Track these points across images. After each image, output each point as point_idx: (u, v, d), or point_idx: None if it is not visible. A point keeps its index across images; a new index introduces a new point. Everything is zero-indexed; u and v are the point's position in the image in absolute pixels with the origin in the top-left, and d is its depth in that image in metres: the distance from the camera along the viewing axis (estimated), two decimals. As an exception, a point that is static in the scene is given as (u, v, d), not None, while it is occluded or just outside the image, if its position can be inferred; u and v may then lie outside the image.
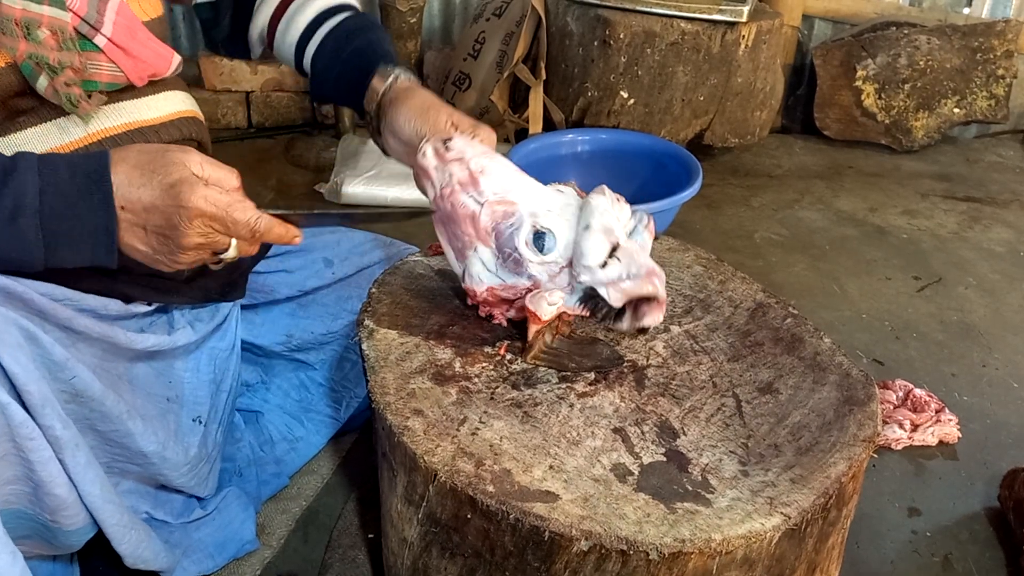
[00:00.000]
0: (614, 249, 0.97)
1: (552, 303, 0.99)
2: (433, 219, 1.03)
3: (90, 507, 0.97)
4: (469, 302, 1.06)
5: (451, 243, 1.03)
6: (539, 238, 0.99)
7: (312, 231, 1.44)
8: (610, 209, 1.01)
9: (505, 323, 1.06)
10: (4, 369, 0.86)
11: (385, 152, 1.18)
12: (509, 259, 1.00)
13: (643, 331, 1.00)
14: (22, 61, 0.94)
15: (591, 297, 0.99)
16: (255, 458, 1.40)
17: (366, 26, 1.22)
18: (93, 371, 0.98)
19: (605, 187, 1.05)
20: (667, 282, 1.17)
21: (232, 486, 1.31)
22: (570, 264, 1.00)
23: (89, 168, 0.86)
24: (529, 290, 1.00)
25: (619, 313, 0.99)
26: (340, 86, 1.20)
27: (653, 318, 0.98)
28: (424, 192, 1.04)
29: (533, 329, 1.00)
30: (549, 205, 1.01)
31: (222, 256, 0.92)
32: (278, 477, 1.41)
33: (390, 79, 1.14)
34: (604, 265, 0.96)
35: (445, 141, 1.00)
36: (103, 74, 1.02)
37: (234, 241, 0.91)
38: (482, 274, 1.01)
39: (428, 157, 1.00)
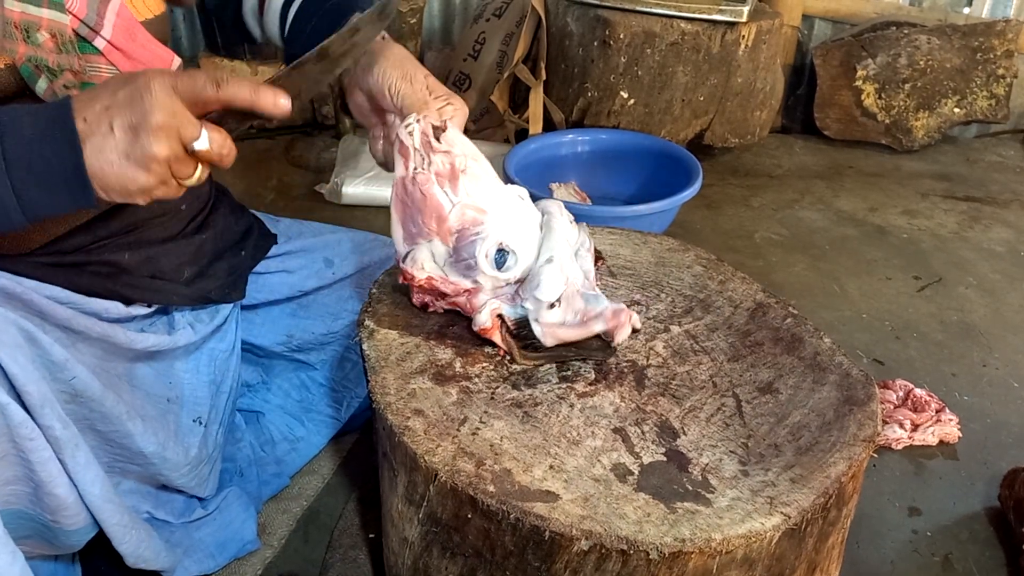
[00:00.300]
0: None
1: (492, 310, 1.00)
2: (393, 193, 1.00)
3: (90, 507, 0.97)
4: (400, 280, 1.05)
5: (404, 224, 1.02)
6: (501, 255, 1.00)
7: (313, 231, 1.44)
8: (570, 235, 1.04)
9: (441, 311, 1.07)
10: (3, 369, 0.86)
11: (347, 112, 1.15)
12: (461, 262, 1.00)
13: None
14: (21, 64, 0.94)
15: (523, 326, 1.00)
16: (256, 458, 1.41)
17: None
18: (93, 371, 0.98)
19: (561, 205, 1.07)
20: (667, 282, 1.17)
21: (233, 486, 1.31)
22: (519, 283, 1.02)
23: (51, 113, 0.82)
24: (468, 291, 1.01)
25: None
26: (313, 41, 1.17)
27: (622, 334, 1.02)
28: (382, 159, 1.03)
29: (496, 337, 1.01)
30: (517, 223, 1.02)
31: (195, 150, 0.84)
32: (279, 477, 1.41)
33: None
34: (551, 306, 0.98)
35: (436, 128, 0.99)
36: (102, 76, 1.02)
37: (204, 133, 0.84)
38: (426, 263, 1.01)
39: (414, 136, 0.98)
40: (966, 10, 3.20)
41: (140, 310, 1.12)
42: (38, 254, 1.01)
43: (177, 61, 1.12)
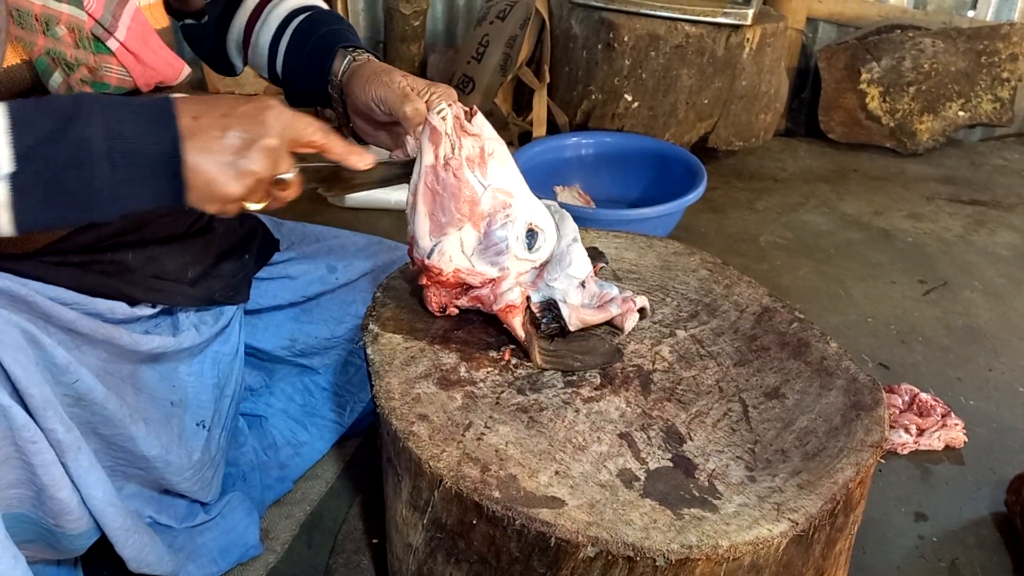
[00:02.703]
0: None
1: (522, 291, 1.02)
2: (420, 184, 1.00)
3: (93, 511, 0.97)
4: (422, 280, 1.05)
5: (433, 214, 1.01)
6: (532, 236, 1.01)
7: (316, 235, 1.43)
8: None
9: (456, 312, 1.07)
10: (6, 372, 0.86)
11: (360, 141, 1.17)
12: (491, 248, 1.00)
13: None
14: (38, 56, 0.94)
15: (548, 309, 1.01)
16: (259, 463, 1.40)
17: (326, 19, 1.22)
18: (96, 374, 0.97)
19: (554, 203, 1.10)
20: (673, 286, 1.17)
21: (236, 491, 1.31)
22: (542, 267, 1.03)
23: (153, 108, 0.85)
24: (493, 281, 1.01)
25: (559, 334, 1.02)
26: (308, 82, 1.20)
27: (631, 321, 1.06)
28: (400, 150, 1.06)
29: (517, 323, 1.01)
30: (539, 207, 1.04)
31: (280, 177, 0.90)
32: (282, 482, 1.41)
33: (346, 60, 1.15)
34: (582, 284, 1.01)
35: (467, 112, 0.99)
36: (112, 77, 1.02)
37: (293, 172, 0.91)
38: (455, 255, 1.01)
39: (447, 121, 0.98)
40: (970, 13, 3.19)
41: (145, 311, 1.11)
42: (43, 253, 1.01)
43: (187, 70, 1.12)
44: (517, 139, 2.82)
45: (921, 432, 1.61)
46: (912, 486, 1.53)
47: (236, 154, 0.85)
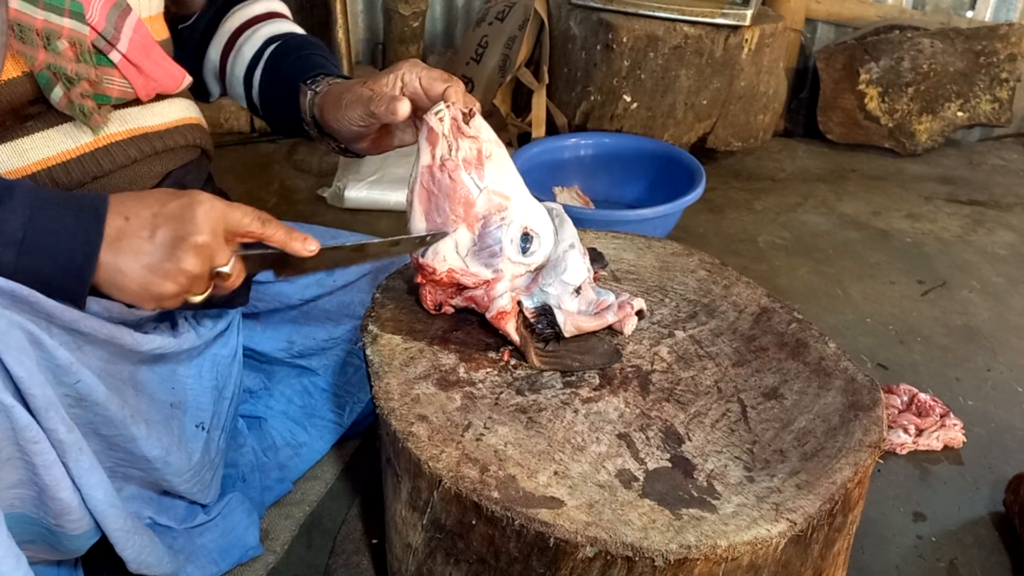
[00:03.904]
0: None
1: (512, 296, 1.02)
2: (417, 183, 1.00)
3: (94, 512, 0.97)
4: (418, 279, 1.05)
5: (428, 214, 1.01)
6: (526, 240, 1.01)
7: (314, 235, 1.43)
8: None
9: (451, 311, 1.07)
10: (9, 372, 0.86)
11: (343, 152, 1.17)
12: (485, 250, 1.00)
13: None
14: (39, 70, 0.95)
15: (543, 315, 1.01)
16: (258, 464, 1.40)
17: (296, 46, 1.22)
18: (98, 375, 0.97)
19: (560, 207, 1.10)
20: (672, 287, 1.17)
21: (236, 492, 1.31)
22: (537, 271, 1.03)
23: (85, 207, 0.86)
24: (487, 282, 1.01)
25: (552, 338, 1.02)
26: (288, 115, 1.20)
27: (630, 325, 1.06)
28: (395, 145, 1.08)
29: (511, 328, 1.01)
30: (537, 209, 1.04)
31: (219, 270, 0.91)
32: (282, 483, 1.41)
33: (308, 97, 1.14)
34: (576, 291, 1.01)
35: (466, 113, 0.99)
36: (114, 89, 1.03)
37: (232, 260, 0.91)
38: (449, 255, 1.01)
39: (444, 123, 0.98)
40: (969, 13, 3.20)
41: (143, 312, 1.11)
42: None
43: (188, 79, 1.13)
44: (516, 140, 2.82)
45: (920, 432, 1.61)
46: (911, 486, 1.53)
47: (165, 255, 0.86)
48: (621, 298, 1.06)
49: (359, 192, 2.47)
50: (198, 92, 1.34)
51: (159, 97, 1.11)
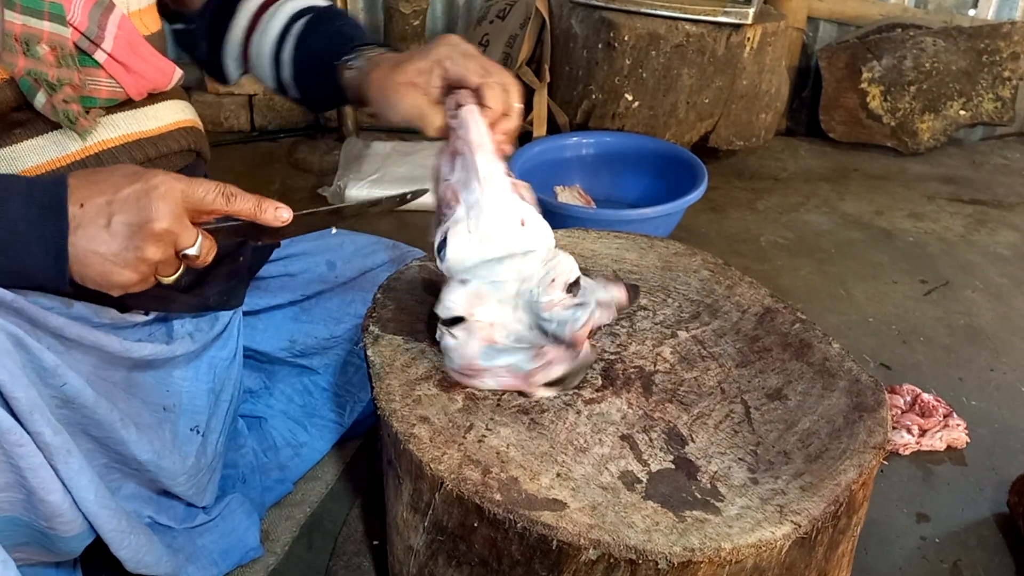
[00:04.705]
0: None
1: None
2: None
3: (86, 513, 0.96)
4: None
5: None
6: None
7: (315, 233, 1.42)
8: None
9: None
10: None
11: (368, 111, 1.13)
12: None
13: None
14: (20, 77, 0.93)
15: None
16: (259, 464, 1.40)
17: (325, 19, 1.19)
18: (87, 379, 0.96)
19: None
20: (674, 287, 1.16)
21: (236, 492, 1.31)
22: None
23: (46, 195, 0.84)
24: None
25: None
26: (323, 92, 1.17)
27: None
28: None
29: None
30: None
31: (186, 252, 0.87)
32: (282, 483, 1.40)
33: (348, 74, 1.11)
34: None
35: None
36: (102, 90, 1.01)
37: (199, 240, 0.87)
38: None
39: (464, 127, 0.96)
40: (972, 12, 3.19)
41: (137, 317, 1.10)
42: None
43: (179, 73, 1.11)
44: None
45: (923, 433, 1.61)
46: (914, 487, 1.53)
47: (123, 244, 0.83)
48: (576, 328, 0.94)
49: (360, 191, 2.46)
50: (215, 73, 1.31)
51: (153, 99, 1.10)
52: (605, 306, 0.95)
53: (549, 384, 0.95)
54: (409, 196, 0.98)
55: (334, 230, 1.00)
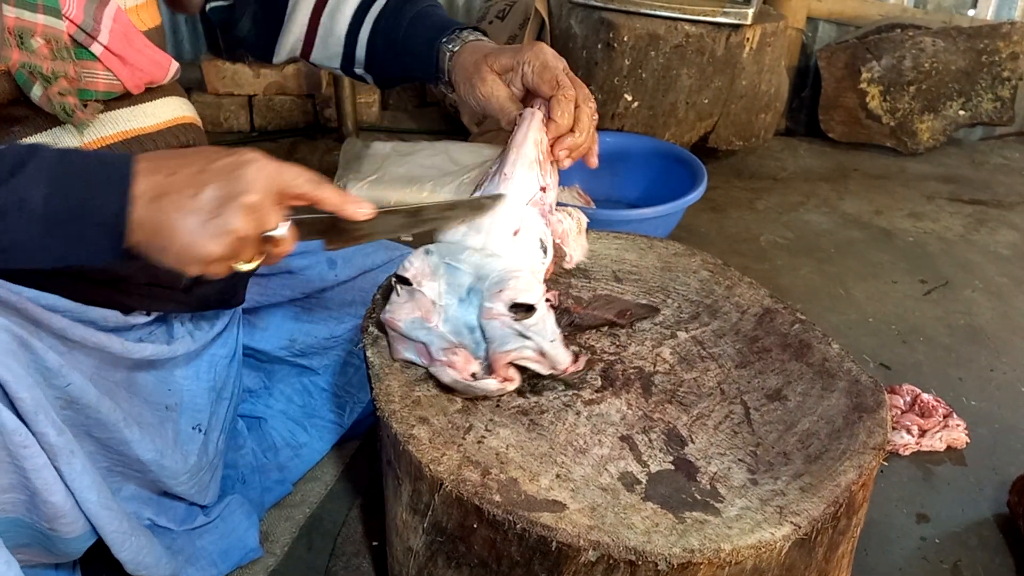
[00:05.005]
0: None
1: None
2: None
3: (88, 514, 0.96)
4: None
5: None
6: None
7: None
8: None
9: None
10: None
11: (452, 96, 1.17)
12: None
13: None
14: (16, 70, 0.93)
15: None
16: (258, 465, 1.40)
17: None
18: (89, 378, 0.96)
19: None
20: (674, 287, 1.16)
21: (235, 493, 1.31)
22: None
23: (110, 169, 0.80)
24: None
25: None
26: (406, 69, 1.18)
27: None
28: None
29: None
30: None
31: (271, 234, 0.83)
32: (282, 484, 1.40)
33: (446, 55, 1.13)
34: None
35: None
36: (99, 83, 1.01)
37: (284, 225, 0.84)
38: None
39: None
40: (971, 12, 3.19)
41: (139, 319, 1.10)
42: None
43: (175, 66, 1.11)
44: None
45: (923, 433, 1.61)
46: (914, 487, 1.53)
47: (213, 213, 0.79)
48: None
49: (360, 191, 2.45)
50: (257, 52, 1.29)
51: (151, 95, 1.10)
52: (542, 357, 0.93)
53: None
54: (487, 202, 0.98)
55: (410, 237, 0.98)
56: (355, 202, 0.88)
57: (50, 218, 0.77)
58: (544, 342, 0.91)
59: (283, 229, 0.84)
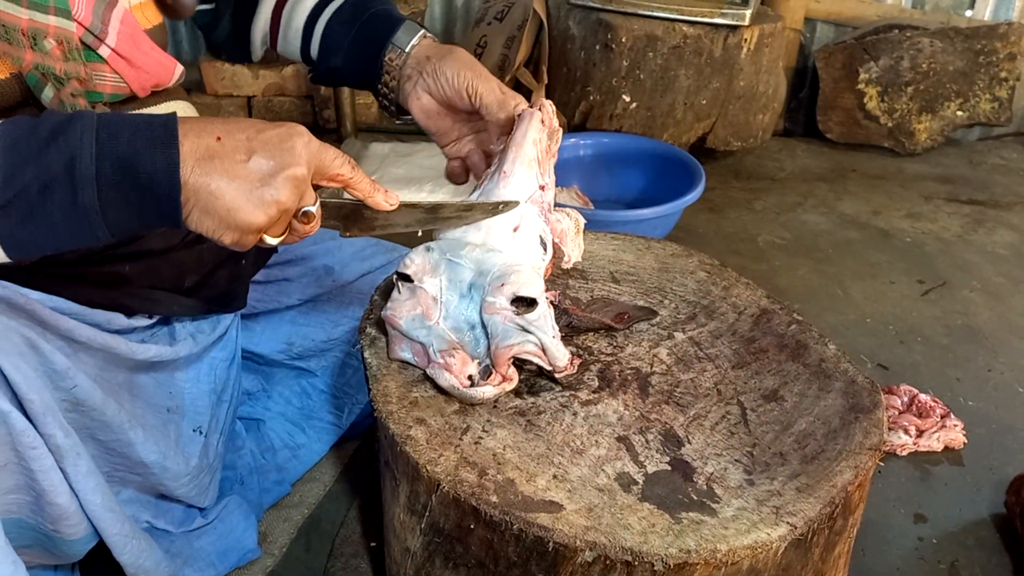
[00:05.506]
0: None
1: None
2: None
3: (91, 516, 0.96)
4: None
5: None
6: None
7: (313, 237, 1.42)
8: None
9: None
10: (6, 377, 0.86)
11: (396, 114, 1.17)
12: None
13: None
14: (28, 71, 0.93)
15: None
16: (257, 466, 1.40)
17: None
18: (94, 380, 0.97)
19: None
20: (671, 288, 1.16)
21: (234, 494, 1.31)
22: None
23: (156, 130, 0.78)
24: None
25: None
26: (353, 56, 1.16)
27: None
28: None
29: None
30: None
31: (306, 210, 0.85)
32: (280, 485, 1.40)
33: (417, 35, 1.12)
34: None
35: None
36: (107, 85, 1.01)
37: (318, 203, 0.85)
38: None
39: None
40: (968, 13, 3.19)
41: (142, 321, 1.11)
42: (40, 266, 1.00)
43: (180, 69, 1.11)
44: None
45: (920, 433, 1.61)
46: (911, 487, 1.53)
47: (262, 181, 0.79)
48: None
49: (358, 193, 2.46)
50: (235, 54, 1.29)
51: (156, 97, 1.10)
52: (543, 352, 0.93)
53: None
54: (501, 207, 0.99)
55: (420, 233, 0.99)
56: (383, 192, 0.91)
57: (102, 176, 0.75)
58: (546, 337, 0.92)
59: (316, 206, 0.86)
